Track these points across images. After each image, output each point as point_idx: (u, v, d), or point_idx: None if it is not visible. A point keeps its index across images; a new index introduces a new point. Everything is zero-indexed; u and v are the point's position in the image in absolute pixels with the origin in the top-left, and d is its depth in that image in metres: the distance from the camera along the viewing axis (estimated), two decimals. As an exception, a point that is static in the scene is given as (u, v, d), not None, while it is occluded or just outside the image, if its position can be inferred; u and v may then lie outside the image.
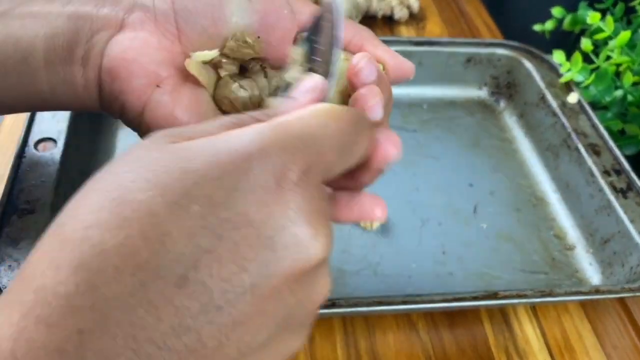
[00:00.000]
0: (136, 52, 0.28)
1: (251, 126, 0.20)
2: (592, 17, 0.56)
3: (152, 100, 0.28)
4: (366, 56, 0.26)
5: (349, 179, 0.25)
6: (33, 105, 0.31)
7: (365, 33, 0.31)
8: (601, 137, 0.51)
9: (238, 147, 0.18)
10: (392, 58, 0.31)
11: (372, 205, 0.26)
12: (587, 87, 0.56)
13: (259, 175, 0.18)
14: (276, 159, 0.18)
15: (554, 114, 0.53)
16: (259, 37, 0.29)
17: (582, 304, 0.44)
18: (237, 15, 0.29)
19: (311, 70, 0.25)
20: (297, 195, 0.19)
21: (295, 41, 0.30)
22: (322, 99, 0.23)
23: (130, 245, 0.17)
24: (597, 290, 0.40)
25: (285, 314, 0.19)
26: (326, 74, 0.25)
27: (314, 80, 0.23)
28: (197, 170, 0.18)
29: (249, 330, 0.18)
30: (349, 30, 0.30)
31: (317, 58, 0.25)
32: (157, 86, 0.28)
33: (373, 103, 0.25)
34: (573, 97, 0.54)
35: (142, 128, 0.29)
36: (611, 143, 0.50)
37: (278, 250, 0.18)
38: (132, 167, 0.18)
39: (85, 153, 0.45)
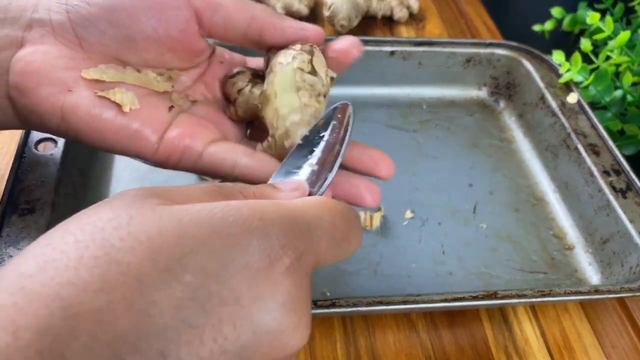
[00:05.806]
0: (38, 64, 0.28)
1: (254, 201, 0.19)
2: (592, 18, 0.56)
3: (68, 105, 0.28)
4: None
5: None
6: None
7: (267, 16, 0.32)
8: (600, 137, 0.51)
9: (240, 220, 0.18)
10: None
11: (366, 190, 0.29)
12: (586, 87, 0.56)
13: (255, 254, 0.18)
14: (275, 240, 0.18)
15: (554, 114, 0.53)
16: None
17: (582, 304, 0.44)
18: None
19: (310, 154, 0.27)
20: (287, 281, 0.18)
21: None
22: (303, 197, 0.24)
23: (111, 312, 0.15)
24: (596, 290, 0.40)
25: None
26: (322, 167, 0.26)
27: (299, 183, 0.25)
28: (195, 237, 0.17)
29: None
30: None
31: (318, 151, 0.27)
32: (69, 91, 0.28)
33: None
34: (572, 97, 0.54)
35: (70, 133, 0.29)
36: (610, 143, 0.50)
37: (258, 334, 0.17)
38: (122, 224, 0.17)
39: (86, 153, 0.45)
